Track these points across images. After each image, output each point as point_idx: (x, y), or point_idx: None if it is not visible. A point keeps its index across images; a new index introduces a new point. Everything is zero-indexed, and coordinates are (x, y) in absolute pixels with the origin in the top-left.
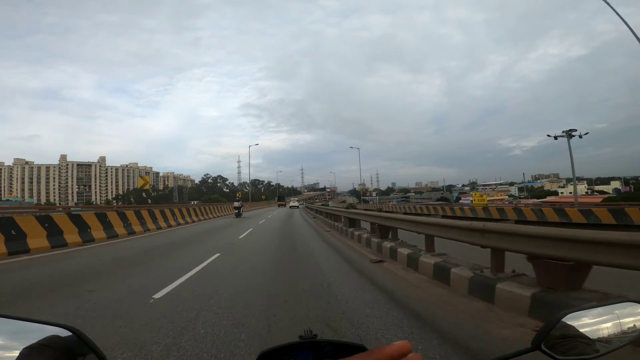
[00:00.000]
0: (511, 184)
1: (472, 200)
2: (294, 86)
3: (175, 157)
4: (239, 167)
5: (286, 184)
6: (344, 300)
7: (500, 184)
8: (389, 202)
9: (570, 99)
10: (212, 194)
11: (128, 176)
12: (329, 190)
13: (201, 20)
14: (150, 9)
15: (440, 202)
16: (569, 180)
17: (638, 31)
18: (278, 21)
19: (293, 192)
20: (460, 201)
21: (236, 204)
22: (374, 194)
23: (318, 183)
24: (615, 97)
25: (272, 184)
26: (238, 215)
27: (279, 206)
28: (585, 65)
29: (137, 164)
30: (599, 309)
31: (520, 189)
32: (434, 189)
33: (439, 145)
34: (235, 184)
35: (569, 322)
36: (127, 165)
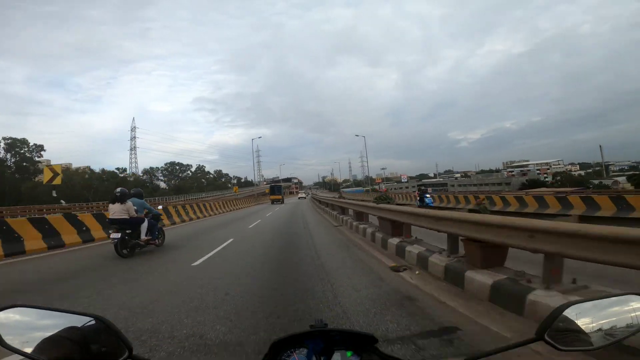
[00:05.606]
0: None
1: None
2: (252, 79)
3: (122, 154)
4: (133, 141)
5: (242, 175)
6: None
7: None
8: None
9: (515, 93)
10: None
11: None
12: (296, 181)
13: (152, 10)
14: None
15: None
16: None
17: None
18: (239, 12)
19: (247, 184)
20: None
21: (112, 207)
22: (405, 180)
23: (278, 176)
24: (552, 91)
25: (208, 171)
26: (121, 250)
27: (272, 202)
28: (527, 61)
29: None
30: (603, 301)
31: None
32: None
33: (396, 138)
34: (131, 171)
35: (572, 313)
36: None
